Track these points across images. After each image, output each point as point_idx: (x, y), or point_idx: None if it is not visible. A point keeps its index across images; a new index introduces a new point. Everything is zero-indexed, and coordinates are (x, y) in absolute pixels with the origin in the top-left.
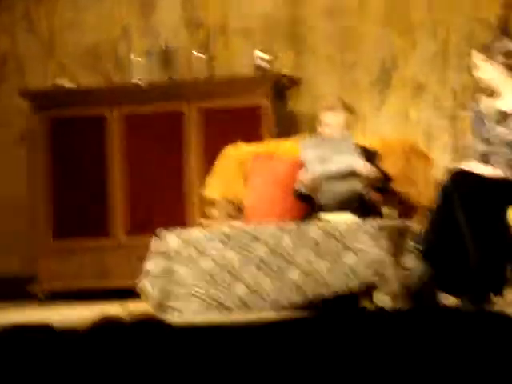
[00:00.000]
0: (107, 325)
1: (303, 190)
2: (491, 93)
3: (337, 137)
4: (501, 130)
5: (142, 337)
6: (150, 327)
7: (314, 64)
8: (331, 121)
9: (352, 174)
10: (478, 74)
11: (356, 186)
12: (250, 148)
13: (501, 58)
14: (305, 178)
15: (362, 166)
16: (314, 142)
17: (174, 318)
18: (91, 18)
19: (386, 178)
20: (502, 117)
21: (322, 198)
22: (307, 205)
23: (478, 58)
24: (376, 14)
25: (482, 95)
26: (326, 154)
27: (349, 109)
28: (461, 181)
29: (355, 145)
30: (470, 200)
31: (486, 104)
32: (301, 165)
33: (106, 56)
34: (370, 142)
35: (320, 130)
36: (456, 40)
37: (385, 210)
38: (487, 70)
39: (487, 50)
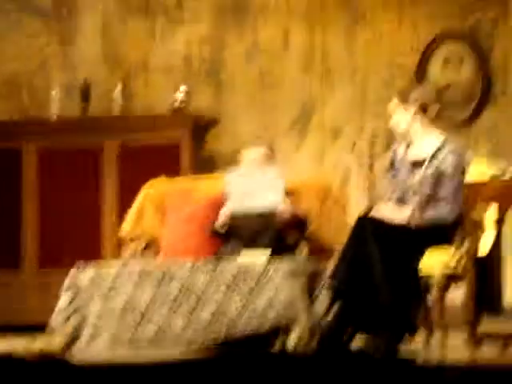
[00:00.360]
0: (9, 362)
1: (218, 227)
2: (406, 140)
3: (262, 171)
4: (413, 177)
5: (45, 376)
6: (53, 366)
7: (234, 104)
8: (252, 156)
9: (272, 214)
10: (393, 120)
11: (274, 224)
12: (167, 185)
13: (417, 103)
14: (224, 213)
15: (283, 208)
16: (240, 175)
17: (83, 354)
18: (9, 48)
19: (303, 219)
20: (414, 165)
21: (239, 233)
22: (222, 241)
23: (393, 105)
24: (296, 56)
25: (397, 142)
26: (250, 189)
27: (269, 147)
28: (375, 220)
29: (280, 180)
30: (381, 243)
31: (401, 151)
32: (217, 203)
33: (23, 88)
34: (287, 182)
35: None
36: (374, 85)
37: (299, 251)
38: (402, 118)
39: (403, 98)
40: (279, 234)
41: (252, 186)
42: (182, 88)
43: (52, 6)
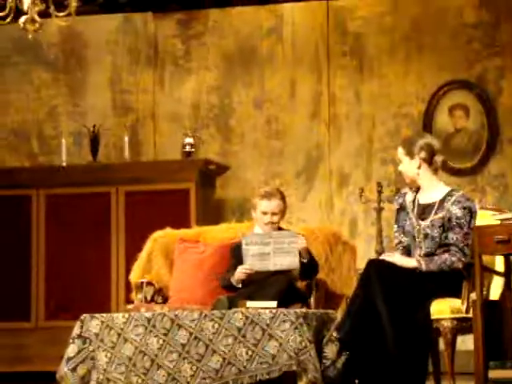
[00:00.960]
0: None
1: (234, 282)
2: (414, 186)
3: (279, 233)
4: (421, 223)
5: None
6: None
7: (242, 151)
8: (267, 208)
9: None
10: (401, 167)
11: (286, 278)
12: (176, 233)
13: (423, 154)
14: (242, 270)
15: (298, 267)
16: (257, 238)
17: None
18: (19, 99)
19: (315, 266)
20: (423, 210)
21: (251, 283)
22: (232, 291)
23: (401, 152)
24: (303, 105)
25: (405, 189)
26: (267, 251)
27: (283, 197)
28: (381, 269)
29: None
30: (390, 288)
31: (409, 197)
32: (224, 251)
33: (33, 136)
34: (296, 229)
35: (255, 216)
36: (380, 134)
37: (310, 297)
38: (410, 165)
39: (410, 145)
40: (291, 283)
41: (268, 248)
42: (190, 136)
43: (61, 57)
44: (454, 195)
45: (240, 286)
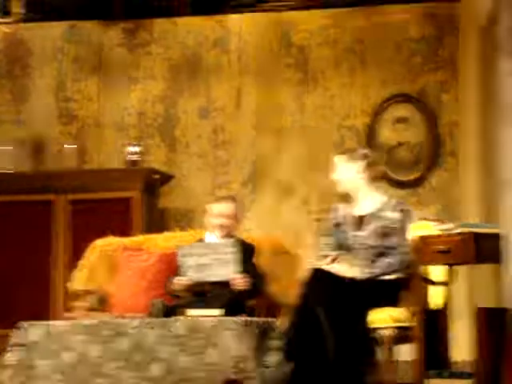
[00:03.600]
0: None
1: (175, 291)
2: (349, 197)
3: (214, 243)
4: (358, 234)
5: None
6: None
7: (187, 161)
8: (216, 210)
9: (226, 282)
10: (336, 175)
11: (227, 291)
12: (118, 241)
13: (363, 161)
14: (180, 282)
15: (237, 280)
16: (192, 250)
17: None
18: None
19: (261, 280)
20: (359, 221)
21: (195, 294)
22: (175, 299)
23: (339, 160)
24: (249, 115)
25: (340, 203)
26: (204, 262)
27: (235, 202)
28: (320, 278)
29: (235, 250)
30: (329, 297)
31: (341, 211)
32: (168, 260)
33: None
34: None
35: (206, 221)
36: (325, 145)
37: (249, 305)
38: (347, 174)
39: (350, 153)
40: (235, 297)
41: (205, 259)
42: (134, 144)
43: (5, 64)
44: (391, 202)
45: (181, 294)
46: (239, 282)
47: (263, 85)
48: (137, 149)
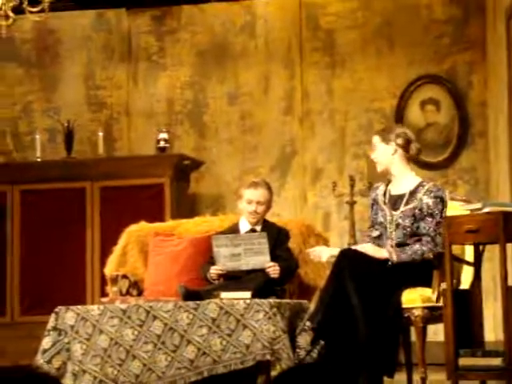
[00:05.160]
0: None
1: (210, 279)
2: (385, 176)
3: (248, 235)
4: (394, 213)
5: None
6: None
7: (216, 146)
8: (252, 197)
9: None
10: (374, 155)
11: (264, 275)
12: (151, 226)
13: (399, 140)
14: (214, 270)
15: (269, 268)
16: (227, 240)
17: None
18: None
19: (294, 265)
20: (395, 201)
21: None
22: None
23: (377, 139)
24: (277, 100)
25: (377, 183)
26: (237, 252)
27: (269, 188)
28: (353, 259)
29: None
30: (362, 278)
31: (381, 190)
32: (199, 244)
33: (7, 133)
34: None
35: (241, 207)
36: (353, 128)
37: (280, 288)
38: (385, 150)
39: (386, 133)
40: (267, 280)
41: (239, 249)
42: (164, 131)
43: (35, 54)
44: (426, 185)
45: (215, 282)
46: (271, 271)
47: (290, 69)
48: (166, 135)
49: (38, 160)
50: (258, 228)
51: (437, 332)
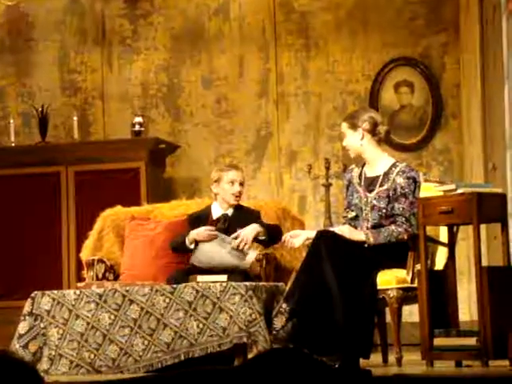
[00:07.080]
0: None
1: (187, 239)
2: (359, 161)
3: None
4: (368, 195)
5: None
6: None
7: (192, 130)
8: (235, 176)
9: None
10: (345, 142)
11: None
12: (127, 211)
13: (366, 125)
14: (207, 230)
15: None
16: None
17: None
18: None
19: (276, 235)
20: (370, 182)
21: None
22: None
23: (345, 126)
24: (252, 83)
25: (352, 165)
26: (222, 247)
27: (241, 169)
28: (330, 241)
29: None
30: (338, 259)
31: (356, 172)
32: (175, 228)
33: None
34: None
35: (216, 190)
36: (328, 111)
37: (256, 273)
38: (353, 137)
39: (353, 119)
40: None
41: (224, 246)
42: (139, 115)
43: (8, 38)
44: (398, 166)
45: (192, 246)
46: (239, 242)
47: (265, 52)
48: (141, 119)
49: (13, 145)
50: (230, 212)
51: (412, 313)
